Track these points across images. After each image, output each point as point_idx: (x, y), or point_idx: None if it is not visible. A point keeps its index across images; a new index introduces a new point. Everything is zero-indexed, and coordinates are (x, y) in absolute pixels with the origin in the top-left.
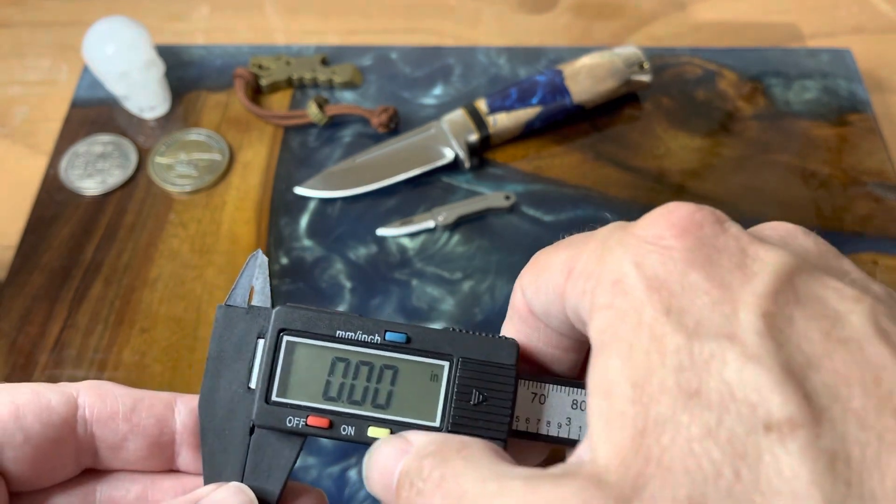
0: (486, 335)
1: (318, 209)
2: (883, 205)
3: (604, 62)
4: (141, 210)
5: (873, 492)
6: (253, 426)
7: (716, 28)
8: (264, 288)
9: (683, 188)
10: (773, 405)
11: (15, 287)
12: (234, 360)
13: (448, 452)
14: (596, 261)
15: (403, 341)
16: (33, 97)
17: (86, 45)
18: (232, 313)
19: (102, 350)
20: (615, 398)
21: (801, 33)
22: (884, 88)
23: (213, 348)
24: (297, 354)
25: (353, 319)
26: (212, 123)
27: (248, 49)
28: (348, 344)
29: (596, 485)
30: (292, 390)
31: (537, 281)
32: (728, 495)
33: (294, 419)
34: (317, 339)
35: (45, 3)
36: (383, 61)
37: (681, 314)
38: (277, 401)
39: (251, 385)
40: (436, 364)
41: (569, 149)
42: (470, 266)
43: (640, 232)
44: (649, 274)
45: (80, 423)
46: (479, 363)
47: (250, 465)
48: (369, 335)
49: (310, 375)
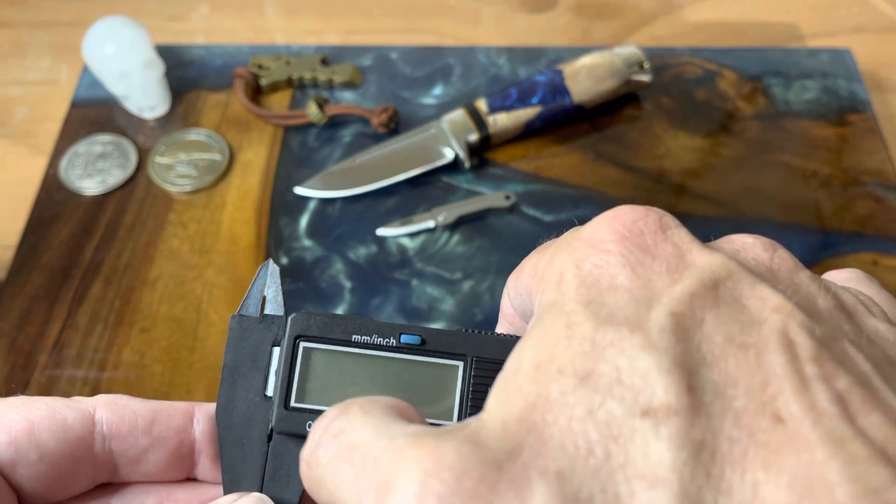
0: (498, 335)
1: (318, 209)
2: (883, 205)
3: (604, 62)
4: (141, 210)
5: (731, 485)
6: (271, 433)
7: (716, 28)
8: (276, 296)
9: (683, 188)
10: (655, 392)
11: (15, 287)
12: (250, 369)
13: (351, 406)
14: (548, 262)
15: (418, 343)
16: (33, 97)
17: (86, 44)
18: (246, 323)
19: (102, 350)
20: (517, 375)
21: (801, 33)
22: (884, 88)
23: (229, 358)
24: (314, 360)
25: (369, 323)
26: (212, 123)
27: (248, 49)
28: (364, 348)
29: (474, 445)
30: (311, 395)
31: (516, 284)
32: (594, 474)
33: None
34: (333, 345)
35: (45, 3)
36: (383, 61)
37: (599, 306)
38: (296, 406)
39: (267, 393)
40: (451, 364)
41: (569, 149)
42: (470, 266)
43: (585, 235)
44: (584, 273)
45: (98, 439)
46: (492, 362)
47: (269, 472)
48: (384, 338)
49: (327, 380)
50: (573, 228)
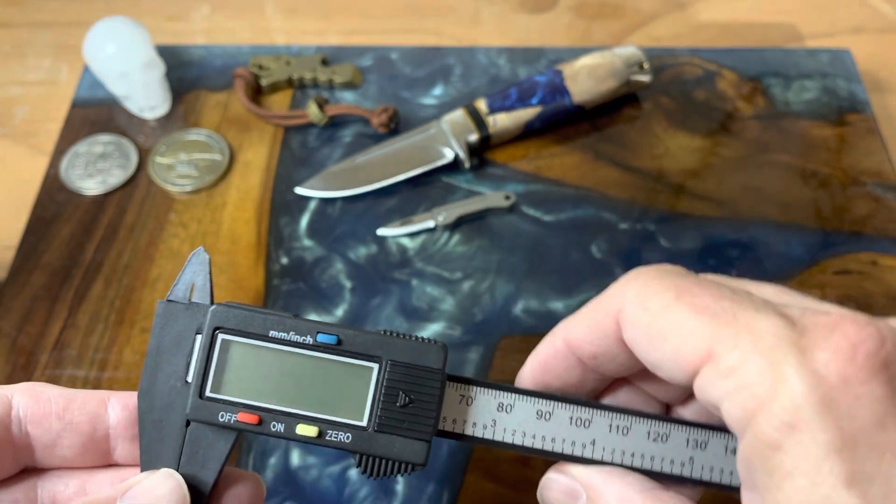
0: (416, 338)
1: (319, 209)
2: (882, 204)
3: (604, 62)
4: (141, 210)
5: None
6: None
7: (715, 28)
8: (205, 285)
9: (683, 188)
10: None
11: (15, 287)
12: (174, 354)
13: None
14: (759, 374)
15: (334, 343)
16: (34, 97)
17: (86, 45)
18: (172, 308)
19: (103, 349)
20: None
21: (800, 33)
22: (883, 88)
23: (153, 342)
24: (231, 352)
25: (287, 320)
26: (212, 123)
27: (249, 49)
28: (281, 344)
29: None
30: (225, 386)
31: (641, 329)
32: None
33: (226, 415)
34: (251, 339)
35: (45, 4)
36: (383, 61)
37: (868, 482)
38: (211, 396)
39: (188, 379)
40: (365, 366)
41: (568, 149)
42: (470, 266)
43: (821, 367)
44: (832, 427)
45: (15, 422)
46: (407, 366)
47: (186, 455)
48: (301, 336)
49: (242, 373)
50: (775, 314)
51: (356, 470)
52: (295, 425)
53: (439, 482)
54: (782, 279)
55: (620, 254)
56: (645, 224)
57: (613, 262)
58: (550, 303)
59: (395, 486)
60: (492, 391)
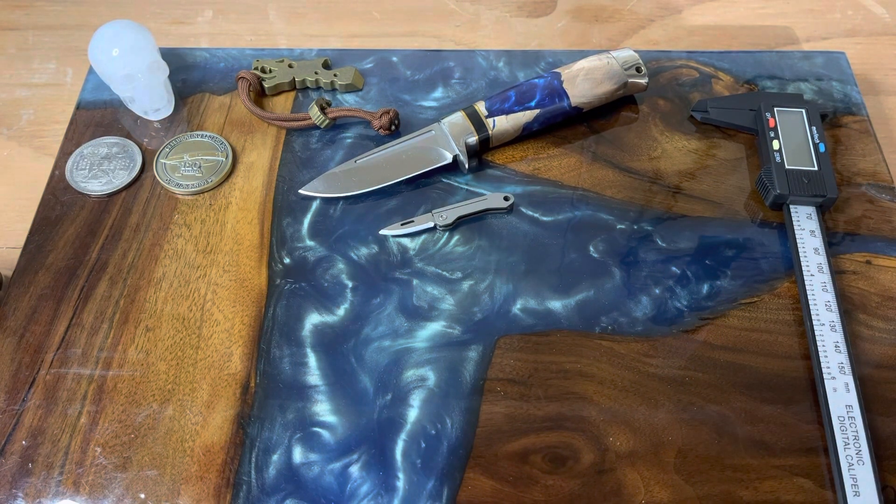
0: None
1: (320, 210)
2: (877, 205)
3: (601, 65)
4: (146, 211)
5: None
6: None
7: (711, 32)
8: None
9: (679, 189)
10: None
11: (21, 286)
12: None
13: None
14: None
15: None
16: (39, 99)
17: (91, 48)
18: None
19: (108, 348)
20: None
21: (795, 36)
22: (877, 91)
23: None
24: None
25: None
26: (215, 125)
27: (252, 52)
28: None
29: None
30: None
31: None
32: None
33: None
34: None
35: (51, 7)
36: (384, 64)
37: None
38: None
39: None
40: None
41: (566, 150)
42: (469, 266)
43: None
44: None
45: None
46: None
47: None
48: None
49: None
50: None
51: (357, 466)
52: None
53: (439, 479)
54: (778, 280)
55: (618, 254)
56: (642, 224)
57: (611, 262)
58: (549, 302)
59: (396, 483)
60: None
